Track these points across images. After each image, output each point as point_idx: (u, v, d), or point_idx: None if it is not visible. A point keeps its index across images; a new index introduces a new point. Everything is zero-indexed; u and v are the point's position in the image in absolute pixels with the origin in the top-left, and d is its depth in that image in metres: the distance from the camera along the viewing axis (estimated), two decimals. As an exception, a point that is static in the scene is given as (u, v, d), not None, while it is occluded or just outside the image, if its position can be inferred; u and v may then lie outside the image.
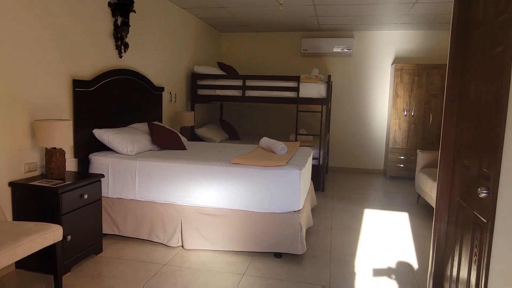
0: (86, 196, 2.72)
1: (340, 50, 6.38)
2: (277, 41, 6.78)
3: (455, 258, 1.98)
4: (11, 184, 2.58)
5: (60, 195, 2.49)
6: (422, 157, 4.58)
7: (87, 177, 2.79)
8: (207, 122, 6.44)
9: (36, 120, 2.65)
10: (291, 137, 5.86)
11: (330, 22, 5.83)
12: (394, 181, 5.98)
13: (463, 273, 1.82)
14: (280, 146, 3.48)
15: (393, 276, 2.74)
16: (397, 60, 6.34)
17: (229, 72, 5.70)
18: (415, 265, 2.94)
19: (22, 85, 2.65)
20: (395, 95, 5.97)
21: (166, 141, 3.74)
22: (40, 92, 2.82)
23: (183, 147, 3.82)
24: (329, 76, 5.01)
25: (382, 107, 6.52)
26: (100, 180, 2.92)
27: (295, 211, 2.95)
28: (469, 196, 1.82)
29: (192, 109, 5.52)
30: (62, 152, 2.72)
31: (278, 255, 3.00)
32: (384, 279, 2.70)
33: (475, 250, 1.68)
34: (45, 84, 2.86)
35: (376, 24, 5.88)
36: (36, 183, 2.55)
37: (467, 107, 1.94)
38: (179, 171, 3.12)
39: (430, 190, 3.96)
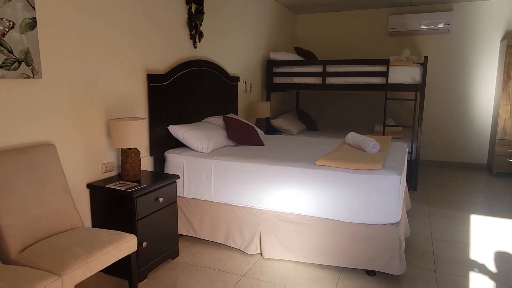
0: (161, 200, 2.56)
1: (435, 27, 5.53)
2: (360, 20, 6.12)
3: None
4: (89, 186, 2.51)
5: (135, 200, 2.35)
6: (548, 154, 3.73)
7: (162, 179, 2.63)
8: (283, 112, 6.10)
9: (112, 119, 2.53)
10: (376, 128, 5.27)
11: (425, -6, 5.04)
12: (503, 179, 5.08)
13: None
14: (371, 144, 3.00)
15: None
16: (510, 35, 5.31)
17: (307, 57, 5.25)
18: (554, 299, 2.31)
19: (99, 83, 2.54)
20: (506, 77, 5.00)
21: (243, 136, 3.47)
22: (116, 88, 2.70)
23: (260, 142, 3.52)
24: (426, 58, 4.30)
25: (487, 92, 5.56)
26: (175, 182, 2.75)
27: (392, 224, 2.49)
28: None
29: (268, 98, 5.21)
30: (137, 153, 2.58)
31: (371, 272, 2.57)
32: (513, 316, 2.14)
33: None
34: (120, 80, 2.73)
35: (484, -7, 4.95)
36: (111, 185, 2.44)
37: None
38: (257, 172, 2.82)
39: None
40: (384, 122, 4.60)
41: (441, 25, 5.48)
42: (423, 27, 5.56)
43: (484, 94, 5.57)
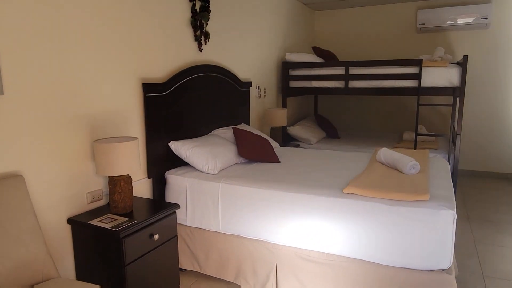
0: (156, 237, 2.12)
1: (470, 21, 4.94)
2: (385, 16, 5.57)
3: None
4: (70, 221, 2.08)
5: (123, 241, 1.91)
6: None
7: (159, 210, 2.19)
8: (300, 118, 5.61)
9: (96, 140, 2.09)
10: (405, 135, 4.73)
11: (460, -15, 4.47)
12: (551, 193, 4.47)
13: None
14: (409, 164, 2.49)
15: None
16: (558, 29, 4.69)
17: (327, 58, 4.75)
18: None
19: (81, 96, 2.12)
20: (556, 77, 4.39)
21: (255, 152, 3.01)
22: (103, 102, 2.27)
23: (275, 159, 3.05)
24: (466, 57, 3.75)
25: (531, 93, 4.94)
26: (175, 212, 2.30)
27: (443, 270, 1.98)
28: None
29: (284, 104, 4.72)
30: (127, 180, 2.14)
31: (415, 328, 2.07)
32: None
33: None
34: (109, 92, 2.30)
35: (529, -18, 4.35)
36: (95, 222, 2.01)
37: None
38: (272, 199, 2.35)
39: None
40: (416, 130, 4.06)
41: (477, 19, 4.89)
42: (458, 21, 4.97)
43: (528, 96, 4.96)
